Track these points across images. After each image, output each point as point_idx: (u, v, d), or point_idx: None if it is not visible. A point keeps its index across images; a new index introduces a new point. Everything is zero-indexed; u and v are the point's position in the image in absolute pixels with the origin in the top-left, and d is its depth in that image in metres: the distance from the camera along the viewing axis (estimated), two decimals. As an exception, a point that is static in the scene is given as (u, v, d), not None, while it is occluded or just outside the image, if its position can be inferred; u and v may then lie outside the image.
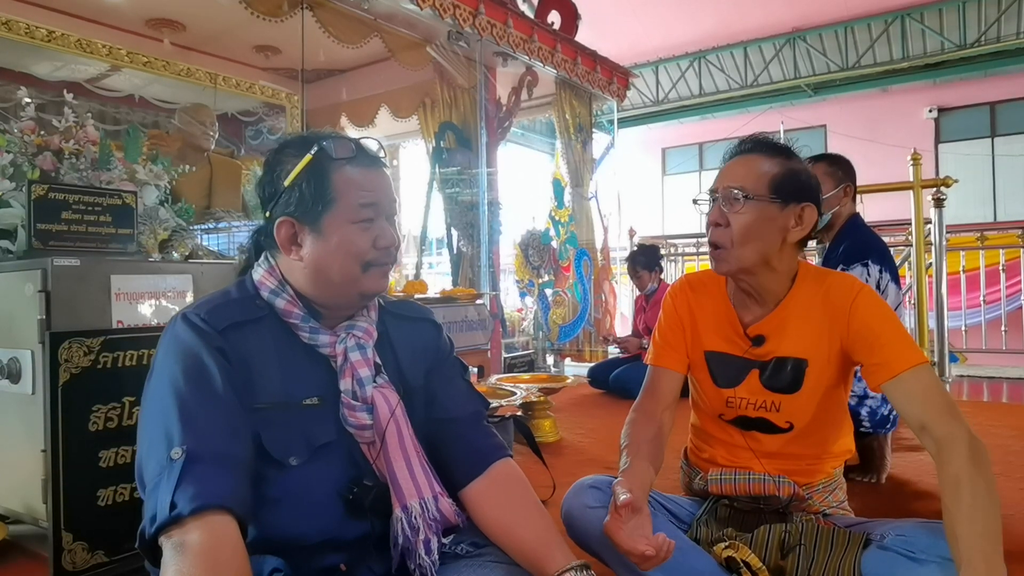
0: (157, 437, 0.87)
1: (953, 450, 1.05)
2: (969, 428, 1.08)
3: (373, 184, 1.02)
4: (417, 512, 1.00)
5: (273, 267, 1.04)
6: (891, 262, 2.16)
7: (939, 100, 10.35)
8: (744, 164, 1.27)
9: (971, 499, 0.99)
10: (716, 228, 1.26)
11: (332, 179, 0.99)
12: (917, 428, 1.12)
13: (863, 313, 1.22)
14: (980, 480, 1.01)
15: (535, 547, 0.99)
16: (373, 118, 5.34)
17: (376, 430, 1.01)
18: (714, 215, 1.27)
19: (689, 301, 1.40)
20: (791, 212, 1.24)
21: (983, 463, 1.03)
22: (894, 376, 1.16)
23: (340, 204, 0.99)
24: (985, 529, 0.96)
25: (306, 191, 0.98)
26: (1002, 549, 0.95)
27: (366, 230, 1.00)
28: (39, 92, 3.28)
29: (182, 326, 0.95)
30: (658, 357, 1.42)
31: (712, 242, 1.27)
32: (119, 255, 1.85)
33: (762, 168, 1.24)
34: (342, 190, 0.99)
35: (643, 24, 10.36)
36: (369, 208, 1.00)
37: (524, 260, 5.34)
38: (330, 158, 1.00)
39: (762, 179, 1.23)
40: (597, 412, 3.68)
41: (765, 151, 1.27)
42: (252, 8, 3.71)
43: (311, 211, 0.98)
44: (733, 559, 1.15)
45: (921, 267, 4.18)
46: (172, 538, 0.80)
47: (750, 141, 1.30)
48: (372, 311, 1.10)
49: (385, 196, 1.03)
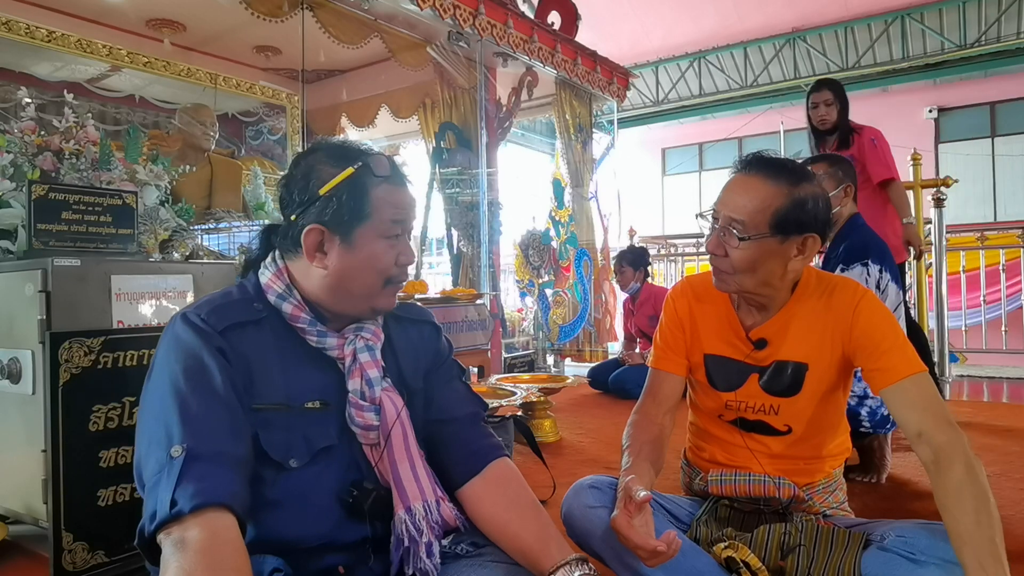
0: (157, 435, 0.88)
1: (953, 459, 1.06)
2: (965, 439, 1.09)
3: (404, 203, 1.04)
4: (421, 515, 1.00)
5: (281, 270, 1.04)
6: (891, 262, 2.16)
7: (939, 100, 10.35)
8: (747, 191, 1.20)
9: (974, 505, 1.00)
10: (715, 256, 1.24)
11: (371, 195, 1.00)
12: (914, 435, 1.13)
13: (866, 319, 1.23)
14: (980, 488, 1.02)
15: (532, 543, 0.99)
16: (373, 118, 5.34)
17: (381, 431, 1.02)
18: (712, 245, 1.24)
19: (690, 303, 1.40)
20: (793, 243, 1.20)
21: (980, 472, 1.05)
22: (894, 382, 1.16)
23: (375, 219, 1.00)
24: (992, 535, 0.97)
25: (344, 203, 0.99)
26: (1004, 557, 0.97)
27: (393, 246, 1.02)
28: (39, 92, 3.28)
29: (182, 326, 0.95)
30: (659, 360, 1.41)
31: (711, 265, 1.27)
32: (119, 255, 1.85)
33: (765, 200, 1.18)
34: (378, 206, 1.00)
35: (643, 24, 10.37)
36: (398, 225, 1.02)
37: (524, 260, 5.34)
38: (372, 175, 1.00)
39: (764, 213, 1.18)
40: (597, 412, 3.68)
41: (771, 174, 1.20)
42: (252, 8, 3.71)
43: (346, 223, 0.99)
44: (733, 559, 1.15)
45: (921, 267, 4.18)
46: (172, 535, 0.80)
47: (756, 161, 1.23)
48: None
49: (412, 215, 1.06)
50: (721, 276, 1.26)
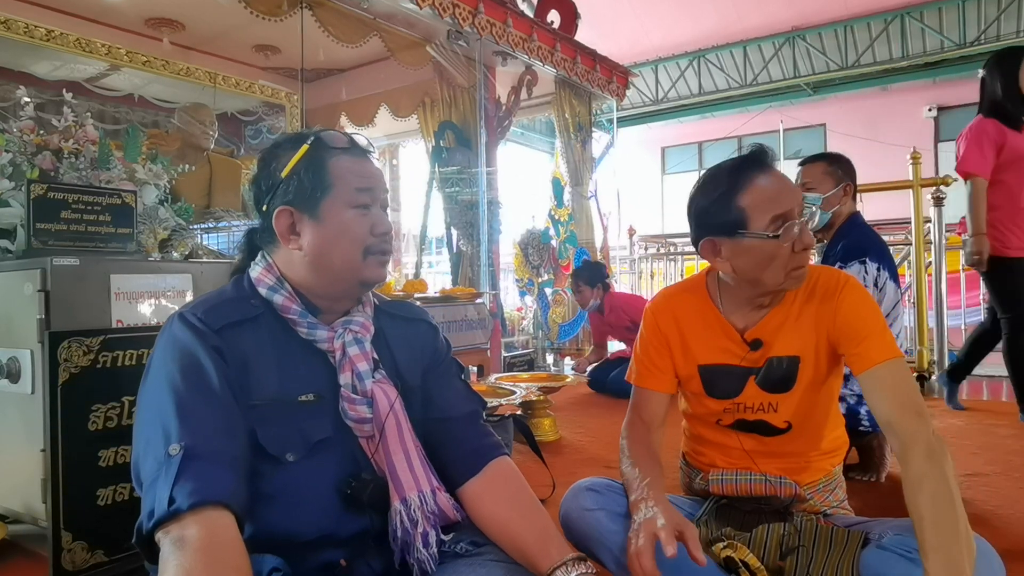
0: (154, 434, 0.88)
1: (913, 449, 1.07)
2: (932, 427, 1.09)
3: (368, 172, 1.05)
4: (416, 505, 1.00)
5: (271, 264, 1.05)
6: (890, 260, 2.16)
7: (939, 99, 10.36)
8: (786, 179, 1.23)
9: (931, 499, 1.01)
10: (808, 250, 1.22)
11: (329, 166, 1.01)
12: (884, 424, 1.14)
13: (848, 305, 1.24)
14: (939, 477, 1.03)
15: (531, 542, 0.99)
16: (373, 117, 5.34)
17: (375, 423, 1.02)
18: (809, 239, 1.21)
19: (675, 318, 1.36)
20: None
21: (941, 460, 1.05)
22: (869, 367, 1.17)
23: (338, 188, 1.01)
24: (951, 528, 0.98)
25: (304, 178, 1.00)
26: (967, 543, 0.97)
27: (363, 216, 1.02)
28: (38, 91, 3.27)
29: (179, 325, 0.96)
30: (642, 378, 1.38)
31: (800, 263, 1.23)
32: (119, 254, 1.85)
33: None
34: (339, 175, 1.01)
35: (643, 23, 10.37)
36: (366, 193, 1.03)
37: (524, 259, 5.34)
38: (326, 147, 1.02)
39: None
40: (597, 411, 3.68)
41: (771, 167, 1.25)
42: (252, 7, 3.71)
43: (310, 198, 1.00)
44: (732, 559, 1.15)
45: (921, 266, 4.18)
46: (171, 534, 0.80)
47: (759, 163, 1.23)
48: (368, 307, 1.11)
49: (379, 185, 1.06)
50: (803, 271, 1.23)
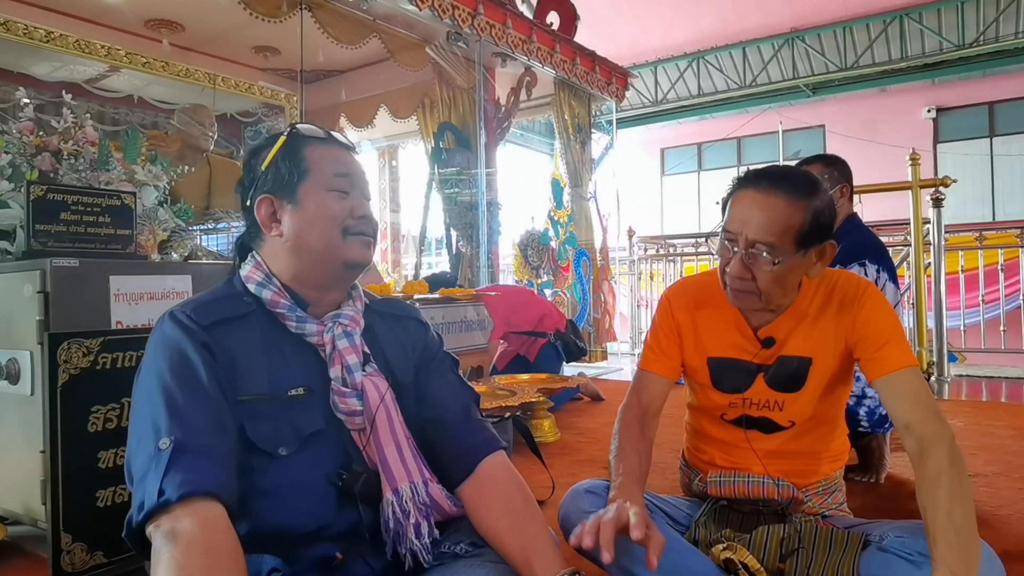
0: (145, 430, 0.89)
1: (935, 448, 1.08)
2: (952, 432, 1.11)
3: (345, 160, 1.07)
4: (408, 496, 1.01)
5: (259, 261, 1.06)
6: (888, 261, 2.17)
7: (938, 100, 10.37)
8: (766, 210, 1.17)
9: (949, 494, 1.01)
10: (739, 280, 1.21)
11: (305, 153, 1.04)
12: (902, 425, 1.15)
13: (869, 310, 1.24)
14: (957, 477, 1.04)
15: (522, 556, 0.99)
16: (372, 118, 5.34)
17: (366, 416, 1.02)
18: (737, 270, 1.20)
19: (691, 310, 1.37)
20: (813, 252, 1.21)
21: (961, 464, 1.06)
22: (888, 372, 1.18)
23: (314, 173, 1.03)
24: (964, 522, 0.99)
25: (282, 166, 1.04)
26: (978, 544, 0.98)
27: (342, 199, 1.04)
28: (38, 93, 3.27)
29: (169, 323, 0.97)
30: (649, 362, 1.40)
31: (733, 287, 1.23)
32: (118, 256, 1.85)
33: (789, 218, 1.16)
34: (315, 161, 1.04)
35: (642, 24, 10.37)
36: (343, 179, 1.05)
37: (523, 260, 5.35)
38: (302, 136, 1.06)
39: (788, 234, 1.16)
40: (596, 412, 3.68)
41: (788, 190, 1.17)
42: (251, 9, 3.71)
43: (287, 184, 1.03)
44: (731, 560, 1.15)
45: (920, 267, 4.19)
46: (162, 527, 0.81)
47: (770, 178, 1.19)
48: (358, 302, 1.12)
49: (358, 173, 1.08)
50: (742, 297, 1.23)
